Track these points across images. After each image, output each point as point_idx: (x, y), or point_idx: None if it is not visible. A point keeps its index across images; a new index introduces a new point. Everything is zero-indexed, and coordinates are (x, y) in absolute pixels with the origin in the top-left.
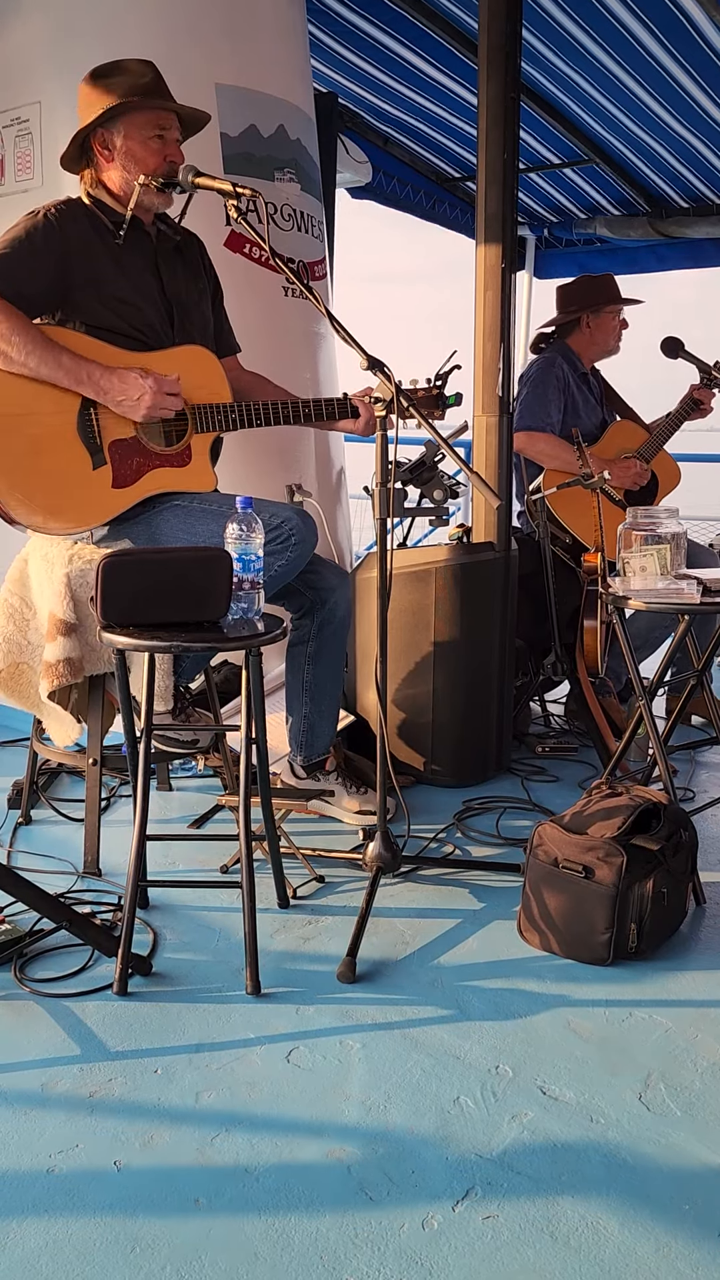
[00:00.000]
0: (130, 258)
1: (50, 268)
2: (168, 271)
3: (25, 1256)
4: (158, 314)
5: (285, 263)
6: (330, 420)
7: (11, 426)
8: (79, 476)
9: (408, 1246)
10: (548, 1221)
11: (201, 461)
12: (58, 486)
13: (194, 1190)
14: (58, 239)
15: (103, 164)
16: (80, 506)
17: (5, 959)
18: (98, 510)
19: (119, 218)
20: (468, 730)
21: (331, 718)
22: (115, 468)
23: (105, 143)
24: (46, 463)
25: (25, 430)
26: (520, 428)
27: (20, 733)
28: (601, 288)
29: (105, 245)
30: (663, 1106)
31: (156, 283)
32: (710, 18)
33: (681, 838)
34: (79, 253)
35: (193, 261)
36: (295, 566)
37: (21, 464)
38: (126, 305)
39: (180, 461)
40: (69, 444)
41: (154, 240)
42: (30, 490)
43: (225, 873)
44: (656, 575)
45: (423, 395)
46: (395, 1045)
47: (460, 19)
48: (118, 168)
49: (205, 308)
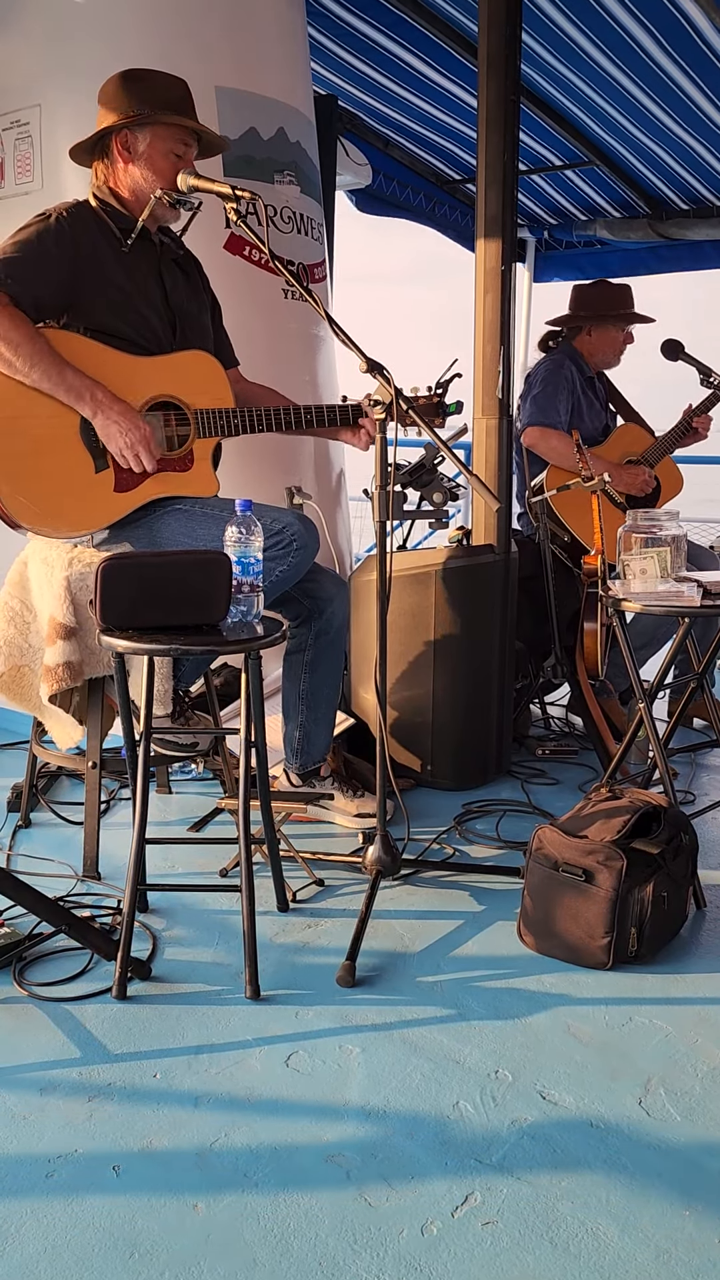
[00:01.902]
0: (136, 265)
1: (60, 272)
2: (170, 281)
3: (24, 1261)
4: (160, 321)
5: (285, 265)
6: (331, 429)
7: (15, 429)
8: (82, 480)
9: (407, 1252)
10: (547, 1227)
11: (204, 467)
12: (60, 490)
13: (193, 1195)
14: (69, 242)
15: (118, 163)
16: (82, 510)
17: (5, 962)
18: (100, 514)
19: (126, 224)
20: (467, 733)
21: (328, 726)
22: (118, 472)
23: (128, 144)
24: (49, 466)
25: (28, 433)
26: (533, 423)
27: (20, 736)
28: (610, 300)
29: (112, 251)
30: (663, 1111)
31: (160, 291)
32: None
33: (682, 841)
34: (88, 257)
35: (193, 277)
36: (297, 572)
37: (24, 467)
38: (131, 311)
39: (183, 466)
40: (72, 448)
41: (158, 250)
42: (33, 493)
43: (225, 876)
44: (657, 578)
45: (423, 403)
46: (395, 1049)
47: (460, 22)
48: (133, 172)
49: (205, 320)
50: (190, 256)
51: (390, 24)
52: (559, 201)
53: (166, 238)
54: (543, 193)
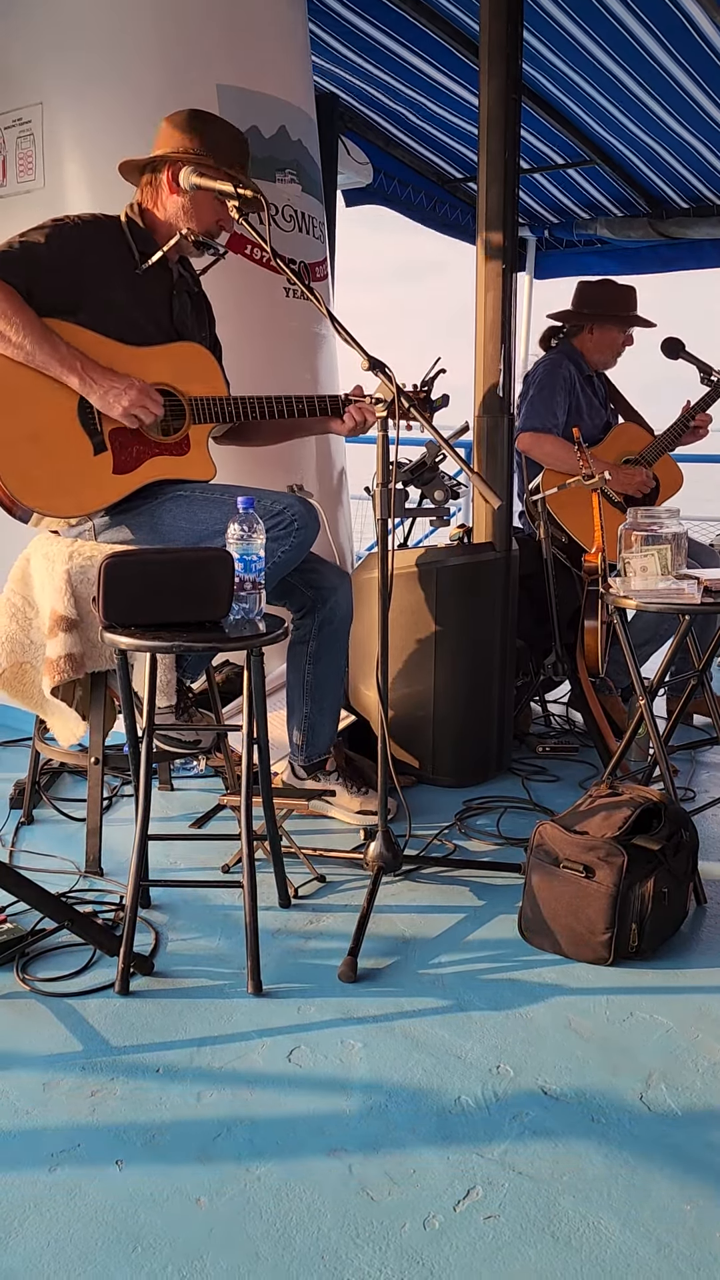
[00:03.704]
0: (147, 285)
1: (58, 277)
2: (179, 307)
3: (27, 1256)
4: (162, 337)
5: (286, 263)
6: (322, 418)
7: (13, 411)
8: (80, 461)
9: (409, 1246)
10: (549, 1221)
11: (200, 451)
12: (59, 471)
13: (196, 1190)
14: (75, 249)
15: (164, 189)
16: (82, 491)
17: (7, 958)
18: (99, 495)
19: (149, 247)
20: (468, 730)
21: (333, 718)
22: (116, 454)
23: (178, 176)
24: (48, 448)
25: (27, 416)
26: (526, 429)
27: (22, 732)
28: (614, 301)
29: (124, 268)
30: (664, 1106)
31: (167, 313)
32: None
33: (682, 838)
34: (93, 268)
35: (203, 314)
36: (298, 553)
37: (23, 449)
38: (133, 326)
39: (179, 450)
40: (70, 430)
41: (174, 278)
42: (32, 475)
43: (227, 872)
44: (657, 575)
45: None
46: (396, 1044)
47: (461, 20)
48: (176, 202)
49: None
50: (204, 296)
51: (391, 22)
52: (560, 200)
53: (185, 270)
54: (544, 191)
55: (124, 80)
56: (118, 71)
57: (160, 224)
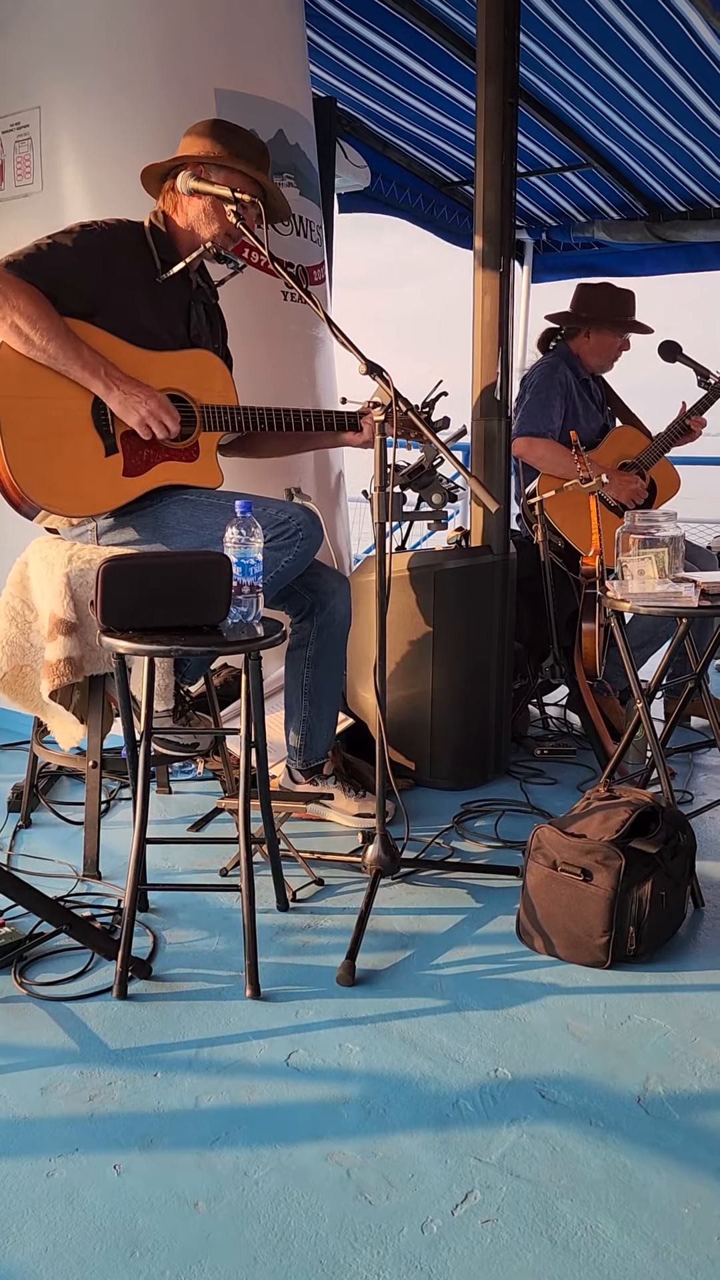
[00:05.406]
0: (166, 293)
1: (81, 281)
2: (195, 318)
3: (25, 1261)
4: (177, 345)
5: (284, 267)
6: (332, 434)
7: (29, 410)
8: (92, 462)
9: (407, 1250)
10: (547, 1225)
11: (209, 458)
12: (71, 469)
13: (194, 1194)
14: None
15: (185, 196)
16: (92, 491)
17: (5, 962)
18: (108, 496)
19: (170, 256)
20: (466, 733)
21: (330, 722)
22: (127, 456)
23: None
24: (61, 446)
25: (42, 414)
26: (522, 433)
27: (20, 736)
28: (613, 305)
29: (145, 277)
30: (661, 1110)
31: (184, 322)
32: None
33: (680, 840)
34: (118, 277)
35: (217, 327)
36: (302, 562)
37: (35, 445)
38: (149, 332)
39: (188, 456)
40: (84, 430)
41: (192, 289)
42: (44, 472)
43: (225, 875)
44: (654, 579)
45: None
46: (394, 1047)
47: (459, 25)
48: (197, 205)
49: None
50: (219, 309)
51: (389, 26)
52: (557, 203)
53: (204, 281)
54: (541, 194)
55: (122, 84)
56: (116, 76)
57: (181, 231)
